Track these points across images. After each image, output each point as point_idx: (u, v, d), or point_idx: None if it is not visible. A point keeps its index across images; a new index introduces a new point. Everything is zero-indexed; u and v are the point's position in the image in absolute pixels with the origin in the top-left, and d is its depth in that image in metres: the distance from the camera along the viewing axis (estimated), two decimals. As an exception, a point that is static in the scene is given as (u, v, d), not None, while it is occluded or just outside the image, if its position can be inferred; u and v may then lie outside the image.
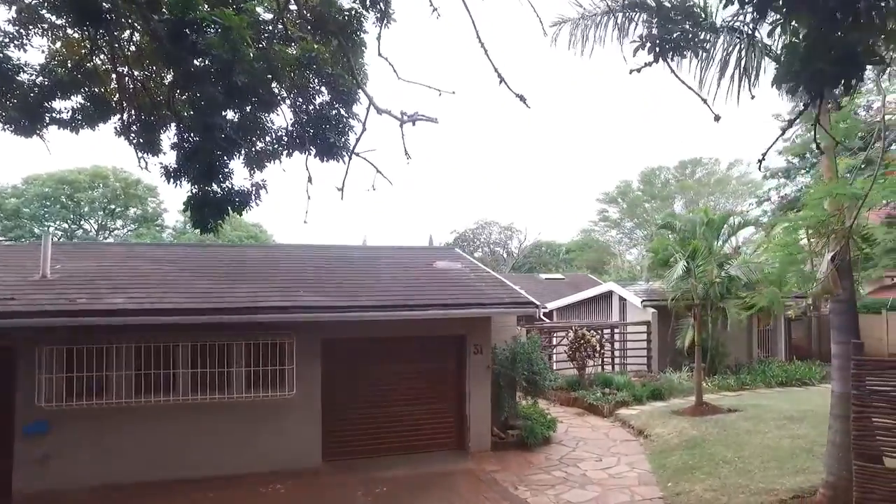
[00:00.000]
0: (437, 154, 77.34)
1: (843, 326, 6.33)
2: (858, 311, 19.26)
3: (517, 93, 4.80)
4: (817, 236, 5.84)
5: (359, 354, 9.45)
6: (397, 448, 9.45)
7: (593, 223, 59.34)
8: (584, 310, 20.95)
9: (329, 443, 9.09)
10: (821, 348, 19.77)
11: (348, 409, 9.32)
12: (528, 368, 10.56)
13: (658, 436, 10.32)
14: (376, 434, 9.42)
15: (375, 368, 9.54)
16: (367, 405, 9.41)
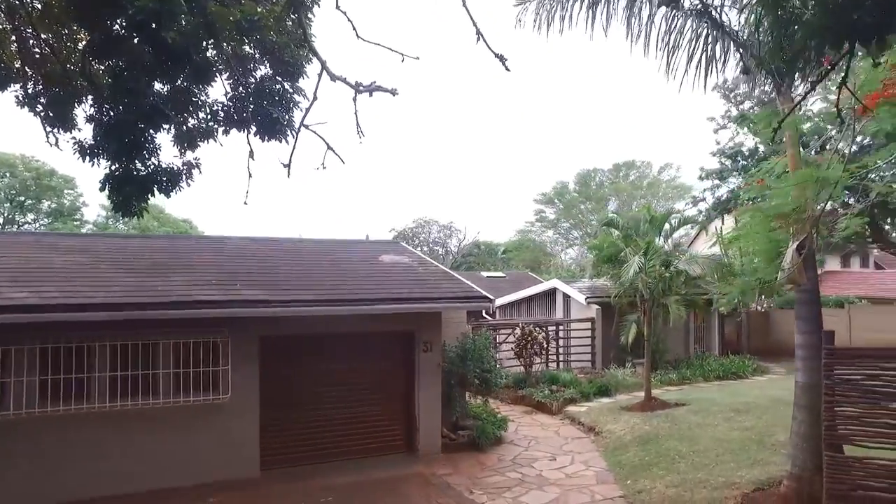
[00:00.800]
0: (374, 151, 76.39)
1: (807, 317, 6.28)
2: (783, 308, 20.07)
3: (496, 52, 4.36)
4: (785, 226, 5.74)
5: (301, 353, 8.76)
6: (343, 453, 8.82)
7: (530, 223, 60.12)
8: (528, 307, 20.88)
9: (269, 450, 8.34)
10: (749, 343, 20.61)
11: (290, 412, 8.60)
12: (480, 366, 10.19)
13: (610, 432, 10.17)
14: (320, 439, 8.75)
15: (319, 368, 8.87)
16: (310, 408, 8.73)
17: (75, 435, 7.31)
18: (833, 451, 5.22)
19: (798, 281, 6.07)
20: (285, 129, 6.59)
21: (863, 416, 5.15)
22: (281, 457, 8.44)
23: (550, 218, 59.35)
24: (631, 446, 9.16)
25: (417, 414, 9.36)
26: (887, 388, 5.14)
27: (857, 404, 5.16)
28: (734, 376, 16.15)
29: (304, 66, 6.57)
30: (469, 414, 10.41)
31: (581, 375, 15.46)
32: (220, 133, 6.99)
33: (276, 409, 8.47)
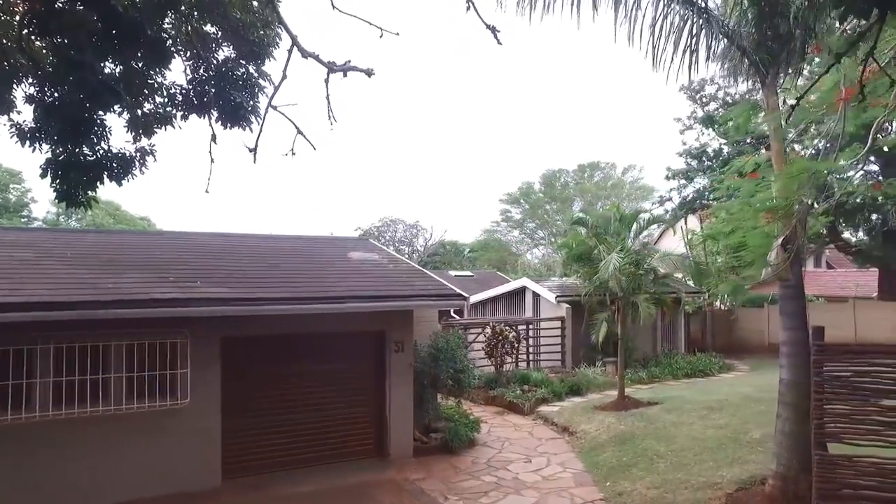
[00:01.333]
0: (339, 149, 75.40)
1: (793, 312, 6.17)
2: (743, 306, 20.38)
3: (488, 24, 4.04)
4: (773, 220, 5.62)
5: (266, 355, 8.29)
6: (310, 459, 8.38)
7: (496, 223, 60.30)
8: (498, 306, 20.69)
9: (231, 458, 7.84)
10: (714, 341, 20.87)
11: (254, 417, 8.11)
12: (453, 366, 9.88)
13: (585, 433, 9.99)
14: (286, 444, 8.28)
15: (285, 370, 8.41)
16: (275, 412, 8.25)
17: (16, 447, 6.68)
18: (822, 449, 5.10)
19: (784, 277, 5.96)
20: (249, 115, 6.15)
21: (853, 414, 5.04)
22: (244, 465, 7.95)
23: (516, 218, 59.61)
24: (607, 446, 8.98)
25: (389, 416, 8.99)
26: (877, 384, 5.04)
27: (847, 402, 5.04)
28: (701, 374, 16.26)
29: (271, 48, 6.14)
30: (441, 416, 10.09)
31: (552, 375, 15.33)
32: (178, 119, 6.49)
33: (240, 414, 7.98)
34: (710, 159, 22.15)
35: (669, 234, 26.54)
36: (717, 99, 21.62)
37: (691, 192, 22.50)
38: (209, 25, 6.24)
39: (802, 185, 5.29)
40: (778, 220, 5.41)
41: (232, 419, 7.87)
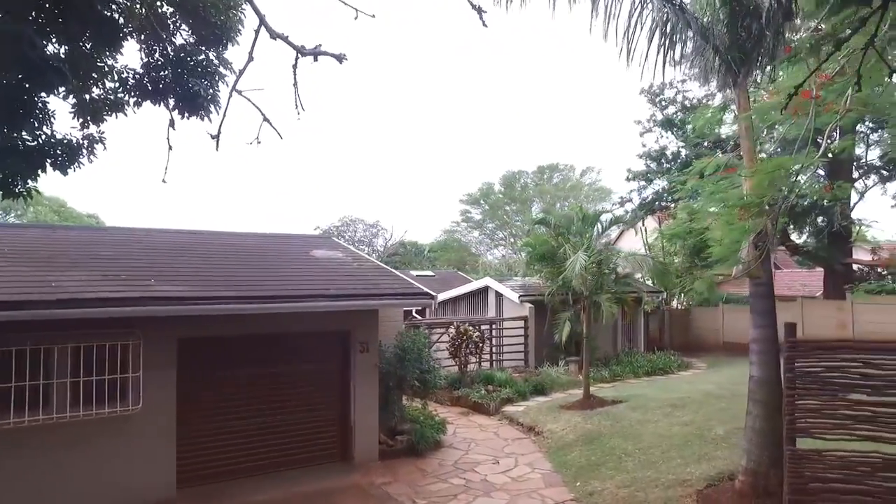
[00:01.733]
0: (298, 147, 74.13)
1: (763, 310, 6.23)
2: (700, 305, 20.90)
3: (474, 4, 3.85)
4: (746, 217, 5.64)
5: (225, 356, 7.90)
6: (273, 465, 8.03)
7: (456, 223, 60.49)
8: (460, 306, 20.58)
9: (187, 466, 7.41)
10: (672, 339, 21.29)
11: (212, 422, 7.71)
12: (419, 367, 9.68)
13: (551, 432, 9.94)
14: (247, 450, 7.91)
15: (246, 372, 8.03)
16: (235, 416, 7.87)
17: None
18: (794, 444, 5.12)
19: (756, 275, 6.00)
20: (209, 104, 5.79)
21: (823, 409, 5.08)
22: (202, 473, 7.54)
23: (476, 218, 59.89)
24: (575, 446, 8.94)
25: (353, 419, 8.71)
26: (845, 379, 5.10)
27: (817, 397, 5.09)
28: (661, 372, 16.52)
29: (234, 32, 5.79)
30: (407, 417, 9.87)
31: (515, 374, 15.30)
32: (131, 106, 6.06)
33: (197, 420, 7.57)
34: (668, 161, 22.64)
35: (628, 234, 27.03)
36: (676, 102, 22.12)
37: (651, 194, 22.94)
38: (166, 6, 5.86)
39: (774, 183, 5.32)
40: (752, 217, 5.43)
41: (188, 425, 7.45)
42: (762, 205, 5.33)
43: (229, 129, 5.66)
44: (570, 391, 13.71)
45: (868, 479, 5.09)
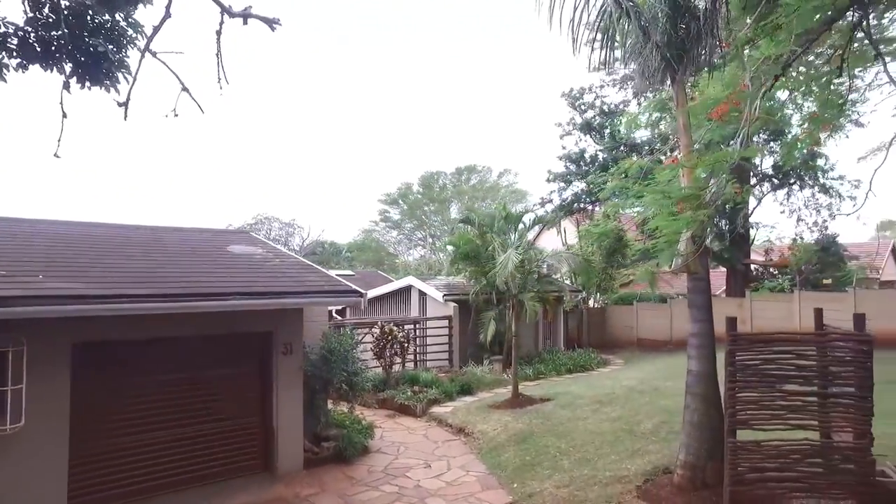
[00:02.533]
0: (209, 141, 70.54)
1: (701, 305, 6.31)
2: (616, 304, 21.71)
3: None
4: (684, 210, 5.67)
5: (130, 363, 7.06)
6: (188, 480, 7.27)
7: (374, 223, 60.02)
8: (383, 305, 20.12)
9: (81, 490, 6.48)
10: (589, 337, 21.92)
11: (112, 437, 6.83)
12: (346, 368, 9.19)
13: (482, 433, 9.75)
14: (155, 467, 7.09)
15: (154, 380, 7.22)
16: (141, 429, 7.04)
17: None
18: (734, 436, 5.18)
19: (694, 269, 6.07)
20: (115, 70, 5.05)
21: (761, 400, 5.17)
22: (103, 495, 6.65)
23: (395, 218, 59.66)
24: (507, 446, 8.79)
25: (276, 426, 8.09)
26: (781, 370, 5.22)
27: (755, 389, 5.17)
28: (582, 369, 16.86)
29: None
30: (333, 422, 9.35)
31: (441, 374, 15.09)
32: (12, 69, 5.18)
33: (95, 436, 6.67)
34: (586, 164, 23.31)
35: (546, 235, 27.62)
36: (595, 107, 22.82)
37: (570, 195, 23.51)
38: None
39: (714, 174, 5.38)
40: (691, 209, 5.47)
41: (84, 443, 6.55)
42: (702, 197, 5.37)
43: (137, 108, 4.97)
44: (497, 390, 13.65)
45: (799, 465, 5.24)
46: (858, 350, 5.13)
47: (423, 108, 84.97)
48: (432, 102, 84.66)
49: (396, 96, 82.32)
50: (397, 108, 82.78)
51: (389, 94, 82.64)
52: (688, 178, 5.98)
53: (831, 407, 5.11)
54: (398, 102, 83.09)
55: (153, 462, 7.08)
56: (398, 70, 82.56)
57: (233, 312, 7.38)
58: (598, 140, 22.62)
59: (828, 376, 5.12)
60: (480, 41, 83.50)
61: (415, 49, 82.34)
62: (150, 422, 7.12)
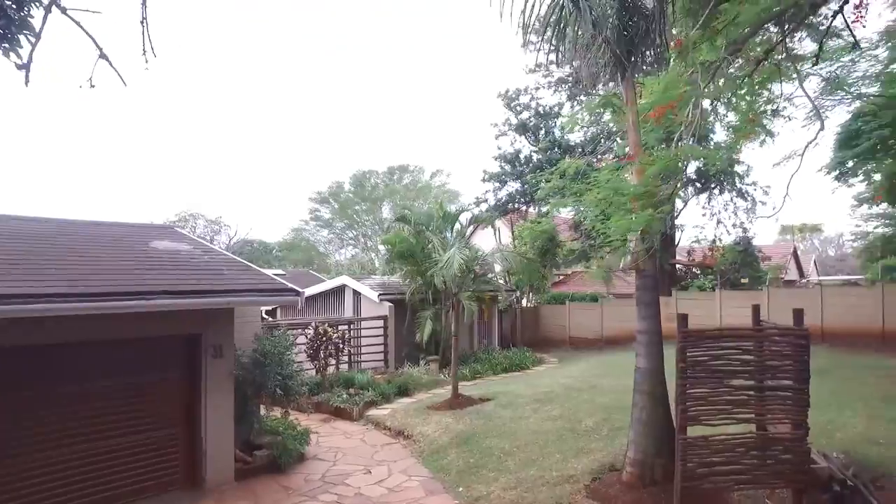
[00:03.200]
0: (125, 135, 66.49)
1: (649, 302, 6.32)
2: (548, 304, 22.13)
3: None
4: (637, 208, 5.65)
5: (35, 371, 6.29)
6: (101, 501, 6.57)
7: (304, 222, 58.78)
8: (316, 305, 19.47)
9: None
10: (523, 336, 22.16)
11: (14, 459, 6.06)
12: (280, 372, 8.69)
13: (423, 435, 9.51)
14: (66, 487, 6.33)
15: (62, 390, 6.46)
16: (47, 447, 6.27)
17: None
18: (685, 433, 5.19)
19: (643, 266, 6.08)
20: (16, 32, 4.41)
21: (710, 396, 5.21)
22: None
23: (326, 217, 58.69)
24: (450, 448, 8.59)
25: (204, 436, 7.50)
26: (728, 366, 5.29)
27: (705, 385, 5.20)
28: (518, 368, 16.96)
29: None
30: (266, 429, 8.83)
31: (376, 376, 14.74)
32: None
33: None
34: (521, 165, 23.55)
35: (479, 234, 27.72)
36: (531, 108, 23.09)
37: (505, 195, 23.67)
38: None
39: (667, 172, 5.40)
40: (645, 207, 5.46)
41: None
42: (656, 195, 5.37)
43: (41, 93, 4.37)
44: (434, 391, 13.45)
45: (744, 458, 5.33)
46: (797, 344, 5.28)
47: (356, 105, 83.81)
48: (365, 99, 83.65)
49: (328, 93, 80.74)
50: (329, 104, 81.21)
51: (320, 91, 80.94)
52: (638, 176, 6.00)
53: (772, 400, 5.22)
54: (329, 99, 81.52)
55: (62, 483, 6.32)
56: (330, 66, 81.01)
57: (156, 313, 6.76)
58: (533, 141, 22.92)
59: (770, 370, 5.23)
60: (415, 39, 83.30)
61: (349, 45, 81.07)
62: (58, 439, 6.35)
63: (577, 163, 12.16)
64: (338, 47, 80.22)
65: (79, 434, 6.54)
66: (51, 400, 6.38)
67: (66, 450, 6.42)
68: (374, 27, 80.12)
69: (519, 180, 22.85)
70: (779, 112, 9.53)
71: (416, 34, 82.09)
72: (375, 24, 79.67)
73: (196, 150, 72.52)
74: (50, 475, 6.27)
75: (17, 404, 6.17)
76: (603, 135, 21.64)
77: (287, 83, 79.23)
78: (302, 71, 79.59)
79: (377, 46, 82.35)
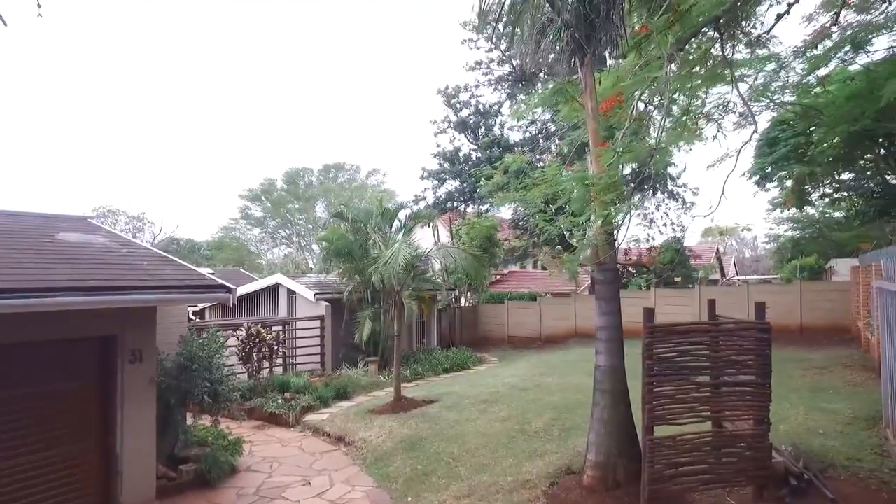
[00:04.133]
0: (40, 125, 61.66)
1: (610, 297, 6.05)
2: (487, 303, 22.01)
3: None
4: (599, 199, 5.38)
5: None
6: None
7: (235, 220, 56.77)
8: (248, 305, 18.43)
9: None
10: (462, 336, 21.89)
11: None
12: (209, 377, 7.94)
13: (365, 441, 8.97)
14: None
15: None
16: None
17: None
18: (652, 433, 4.96)
19: (605, 260, 5.83)
20: None
21: (677, 394, 5.01)
22: None
23: (257, 215, 56.97)
24: (395, 455, 8.09)
25: (120, 451, 6.66)
26: (694, 363, 5.11)
27: (672, 382, 4.99)
28: (460, 368, 16.64)
29: None
30: (193, 441, 8.04)
31: (313, 379, 14.04)
32: None
33: None
34: (461, 163, 23.29)
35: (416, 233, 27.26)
36: (471, 106, 22.86)
37: (443, 193, 23.33)
38: None
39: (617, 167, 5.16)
40: (608, 199, 5.20)
41: None
42: (620, 187, 5.13)
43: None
44: (375, 393, 12.93)
45: (709, 456, 5.17)
46: (759, 338, 5.18)
47: (291, 101, 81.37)
48: (300, 95, 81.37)
49: (261, 88, 77.95)
50: (263, 100, 78.44)
51: (253, 86, 78.04)
52: (596, 165, 5.74)
53: (735, 396, 5.08)
54: (264, 95, 78.74)
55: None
56: (265, 61, 78.25)
57: (63, 313, 5.91)
58: (473, 139, 22.70)
59: (734, 366, 5.09)
60: (353, 35, 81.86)
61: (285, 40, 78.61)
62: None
63: (520, 158, 11.95)
64: (274, 42, 77.65)
65: None
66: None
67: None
68: (311, 22, 78.15)
69: (458, 178, 22.56)
70: (711, 117, 9.68)
71: (354, 30, 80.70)
72: (313, 19, 77.72)
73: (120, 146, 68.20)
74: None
75: None
76: (542, 135, 21.72)
77: (219, 78, 75.93)
78: (235, 66, 76.51)
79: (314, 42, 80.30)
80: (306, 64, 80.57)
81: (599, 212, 5.20)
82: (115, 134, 68.81)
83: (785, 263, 32.60)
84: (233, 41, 76.53)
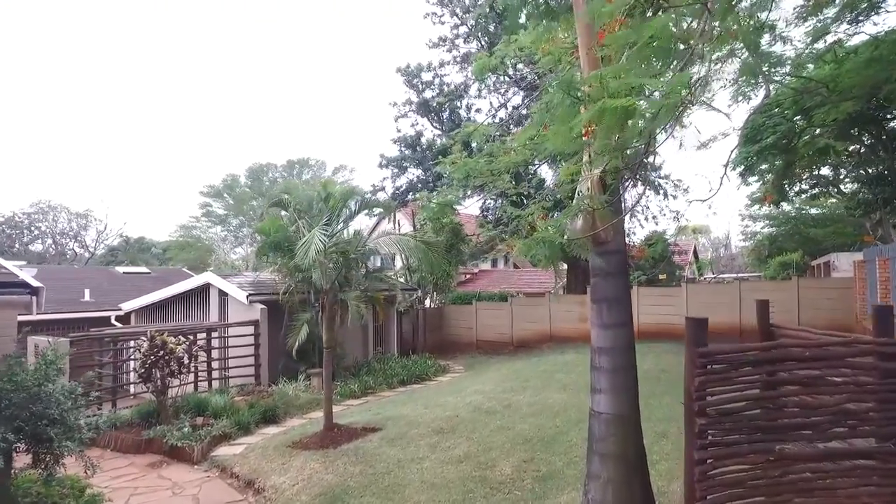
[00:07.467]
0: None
1: (616, 298, 3.79)
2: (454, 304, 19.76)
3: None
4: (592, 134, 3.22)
5: None
6: None
7: (195, 219, 53.78)
8: (177, 310, 15.87)
9: None
10: (426, 340, 19.66)
11: None
12: (35, 413, 5.52)
13: (277, 489, 6.70)
14: None
15: None
16: None
17: None
18: None
19: (603, 238, 3.63)
20: None
21: (749, 479, 2.82)
22: None
23: (219, 213, 54.18)
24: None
25: None
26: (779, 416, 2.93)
27: (743, 454, 2.81)
28: (419, 380, 14.45)
29: None
30: (26, 500, 5.62)
31: (241, 397, 11.70)
32: None
33: None
34: (423, 150, 21.01)
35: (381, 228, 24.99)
36: (434, 86, 20.58)
37: (405, 183, 21.00)
38: None
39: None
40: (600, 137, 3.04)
41: None
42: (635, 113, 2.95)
43: None
44: (311, 414, 10.68)
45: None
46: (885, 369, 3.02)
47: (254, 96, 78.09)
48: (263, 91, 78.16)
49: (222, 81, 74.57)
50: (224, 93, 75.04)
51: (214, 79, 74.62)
52: (590, 64, 3.56)
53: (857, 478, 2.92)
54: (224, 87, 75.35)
55: None
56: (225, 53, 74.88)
57: None
58: (437, 123, 20.43)
59: (847, 418, 2.93)
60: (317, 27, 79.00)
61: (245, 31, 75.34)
62: None
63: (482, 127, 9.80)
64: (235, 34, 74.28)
65: None
66: None
67: None
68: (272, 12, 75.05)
69: (421, 167, 20.27)
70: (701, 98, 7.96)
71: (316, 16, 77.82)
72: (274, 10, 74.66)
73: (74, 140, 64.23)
74: None
75: None
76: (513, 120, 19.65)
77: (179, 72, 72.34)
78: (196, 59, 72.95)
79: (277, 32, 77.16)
80: (269, 55, 77.39)
81: (602, 139, 3.01)
82: (69, 128, 64.82)
83: (764, 261, 31.22)
84: (192, 35, 72.99)
